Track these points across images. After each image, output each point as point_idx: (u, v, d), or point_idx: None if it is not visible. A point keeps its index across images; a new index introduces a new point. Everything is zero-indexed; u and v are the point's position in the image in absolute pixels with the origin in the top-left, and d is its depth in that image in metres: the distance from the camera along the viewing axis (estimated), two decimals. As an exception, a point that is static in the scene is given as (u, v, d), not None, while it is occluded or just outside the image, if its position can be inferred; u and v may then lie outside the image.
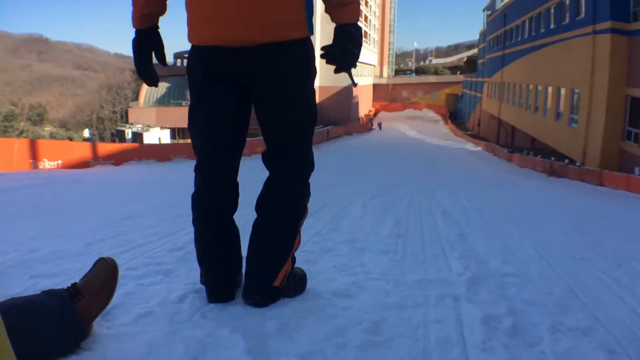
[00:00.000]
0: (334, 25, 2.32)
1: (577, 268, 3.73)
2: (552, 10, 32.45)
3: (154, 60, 2.42)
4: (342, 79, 55.71)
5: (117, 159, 16.22)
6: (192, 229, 2.57)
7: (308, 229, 4.85)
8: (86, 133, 63.65)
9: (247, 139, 2.57)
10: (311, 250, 3.85)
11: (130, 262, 3.08)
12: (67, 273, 2.87)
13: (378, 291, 2.90)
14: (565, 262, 3.90)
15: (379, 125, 65.41)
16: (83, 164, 15.03)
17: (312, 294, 2.71)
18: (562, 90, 30.08)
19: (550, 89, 32.60)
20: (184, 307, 2.38)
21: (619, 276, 3.46)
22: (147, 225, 4.52)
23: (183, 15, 2.35)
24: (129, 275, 2.76)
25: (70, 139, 50.62)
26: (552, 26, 32.67)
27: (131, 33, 2.35)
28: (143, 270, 2.92)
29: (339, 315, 2.44)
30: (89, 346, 1.94)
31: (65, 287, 2.01)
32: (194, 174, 2.52)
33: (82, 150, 15.91)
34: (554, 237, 5.02)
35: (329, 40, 2.33)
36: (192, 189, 2.51)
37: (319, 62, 2.53)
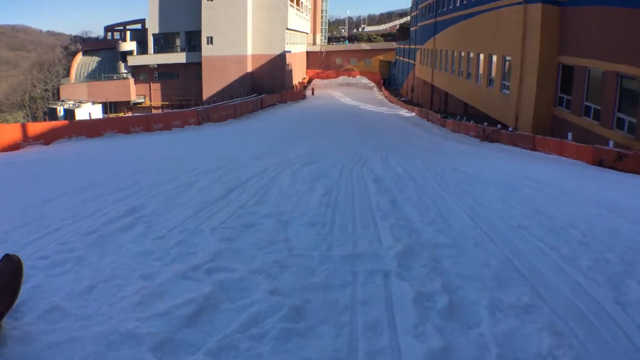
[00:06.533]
0: None
1: (515, 236, 3.55)
2: (484, -22, 32.65)
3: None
4: (274, 47, 55.08)
5: (47, 138, 15.65)
6: (111, 209, 2.35)
7: (232, 202, 4.55)
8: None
9: (179, 110, 2.16)
10: (231, 226, 3.65)
11: (42, 251, 2.90)
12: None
13: (302, 270, 2.70)
14: (501, 231, 3.72)
15: (312, 91, 64.85)
16: (13, 146, 14.27)
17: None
18: (494, 58, 30.51)
19: (482, 56, 33.01)
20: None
21: (557, 245, 3.29)
22: (66, 207, 4.27)
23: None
24: (39, 265, 2.60)
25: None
26: (483, -6, 32.91)
27: (66, 9, 1.78)
28: (54, 258, 2.78)
29: (256, 302, 2.25)
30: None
31: None
32: (121, 152, 2.25)
33: (12, 132, 15.13)
34: (489, 204, 4.85)
35: None
36: (117, 167, 2.30)
37: (251, 27, 2.13)
